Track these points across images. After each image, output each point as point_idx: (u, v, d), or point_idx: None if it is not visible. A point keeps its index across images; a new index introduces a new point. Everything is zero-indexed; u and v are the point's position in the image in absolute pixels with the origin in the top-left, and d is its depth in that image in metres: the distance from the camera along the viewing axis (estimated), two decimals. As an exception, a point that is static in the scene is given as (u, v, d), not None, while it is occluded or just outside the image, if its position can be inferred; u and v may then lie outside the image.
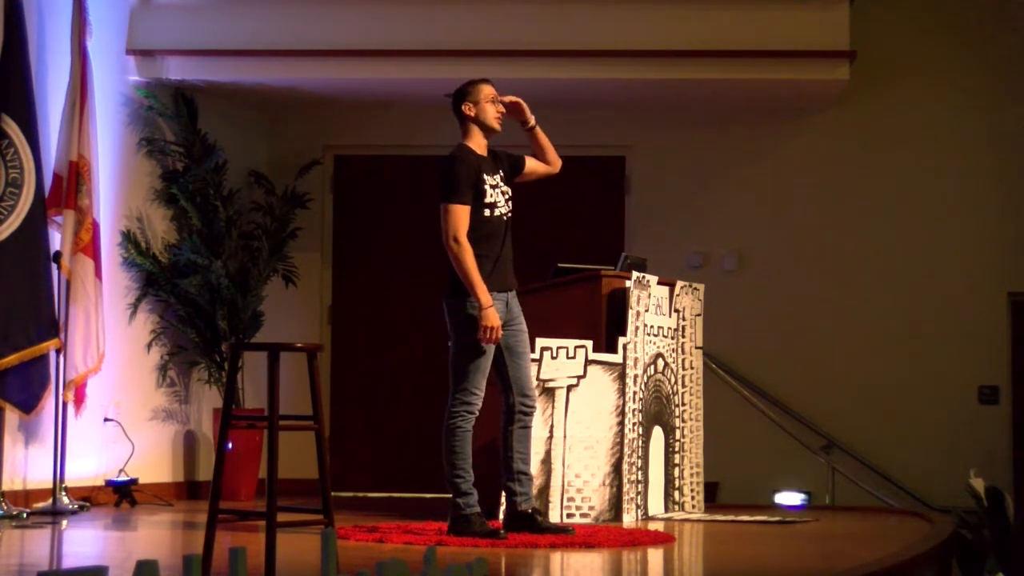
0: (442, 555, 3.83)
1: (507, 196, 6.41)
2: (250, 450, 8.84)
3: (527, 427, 6.38)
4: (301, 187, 9.46)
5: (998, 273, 9.63)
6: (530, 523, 6.27)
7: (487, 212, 6.28)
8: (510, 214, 6.41)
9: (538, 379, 7.02)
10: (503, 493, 6.51)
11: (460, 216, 6.21)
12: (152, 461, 8.74)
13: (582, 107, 9.74)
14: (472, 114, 6.37)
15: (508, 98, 6.45)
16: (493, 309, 6.17)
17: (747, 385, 9.62)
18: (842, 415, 9.61)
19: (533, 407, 6.39)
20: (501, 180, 6.39)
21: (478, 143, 6.39)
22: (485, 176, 6.31)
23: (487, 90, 6.39)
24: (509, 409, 6.35)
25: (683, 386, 7.86)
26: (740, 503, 8.79)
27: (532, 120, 6.56)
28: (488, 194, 6.30)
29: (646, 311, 7.41)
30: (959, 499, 8.36)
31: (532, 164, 6.62)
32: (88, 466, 8.15)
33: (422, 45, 8.82)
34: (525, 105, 6.52)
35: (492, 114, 6.37)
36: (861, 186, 9.75)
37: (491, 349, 6.23)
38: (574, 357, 7.05)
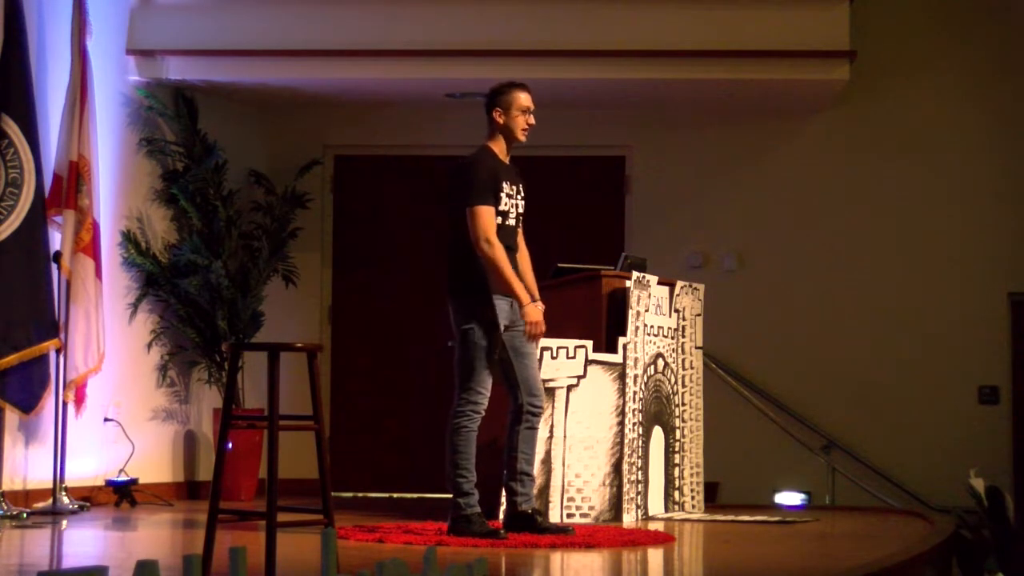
0: (442, 555, 3.83)
1: (519, 209, 6.39)
2: (250, 450, 8.84)
3: (533, 428, 6.37)
4: (301, 187, 9.46)
5: (998, 273, 9.62)
6: (530, 523, 6.27)
7: (499, 220, 6.28)
8: (519, 228, 6.41)
9: (538, 379, 7.03)
10: (504, 492, 6.52)
11: (487, 217, 6.20)
12: (152, 461, 8.74)
13: (582, 107, 9.74)
14: (501, 121, 6.35)
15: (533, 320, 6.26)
16: (534, 305, 6.21)
17: (747, 385, 9.62)
18: (842, 415, 9.61)
19: (540, 408, 6.39)
20: (516, 192, 6.39)
21: (501, 149, 6.38)
22: (504, 183, 6.31)
23: (522, 99, 6.34)
24: (516, 409, 6.35)
25: (683, 386, 7.86)
26: (740, 503, 8.79)
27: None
28: (503, 201, 6.29)
29: (646, 311, 7.41)
30: (959, 499, 8.37)
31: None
32: (88, 466, 8.15)
33: (422, 45, 8.82)
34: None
35: (520, 126, 6.34)
36: (861, 186, 9.75)
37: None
38: (574, 357, 7.06)
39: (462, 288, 6.26)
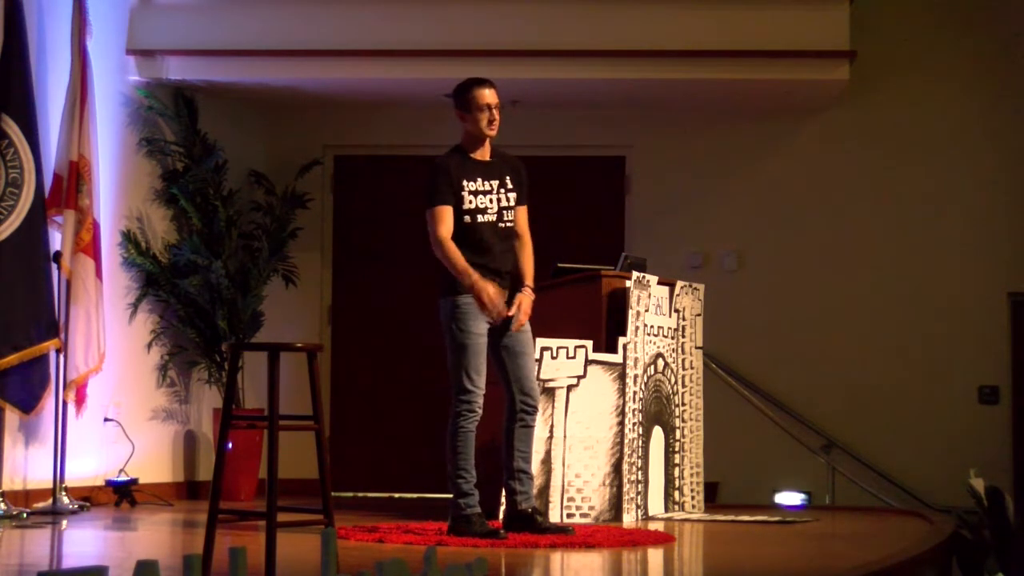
0: (442, 555, 3.83)
1: (504, 203, 6.35)
2: (250, 450, 8.84)
3: (529, 426, 6.38)
4: (301, 187, 9.46)
5: (998, 273, 9.62)
6: (530, 523, 6.27)
7: (467, 219, 6.25)
8: (508, 223, 6.38)
9: (538, 379, 7.02)
10: (503, 491, 6.52)
11: (437, 216, 6.23)
12: (152, 461, 8.74)
13: (582, 107, 9.74)
14: (465, 120, 6.36)
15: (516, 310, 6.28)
16: (482, 283, 6.17)
17: (747, 385, 9.62)
18: (842, 415, 9.61)
19: (534, 406, 6.39)
20: (498, 186, 6.36)
21: (471, 146, 6.38)
22: (466, 182, 6.27)
23: (481, 97, 6.31)
24: (511, 408, 6.36)
25: (683, 386, 7.86)
26: (740, 503, 8.79)
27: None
28: (467, 200, 6.25)
29: (646, 311, 7.41)
30: (959, 499, 8.36)
31: (520, 222, 6.46)
32: (88, 466, 8.15)
33: (422, 45, 8.82)
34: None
35: (483, 123, 6.32)
36: (861, 186, 9.75)
37: (484, 345, 6.23)
38: (574, 357, 7.06)
39: (441, 289, 6.29)
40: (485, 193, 6.29)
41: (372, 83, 9.18)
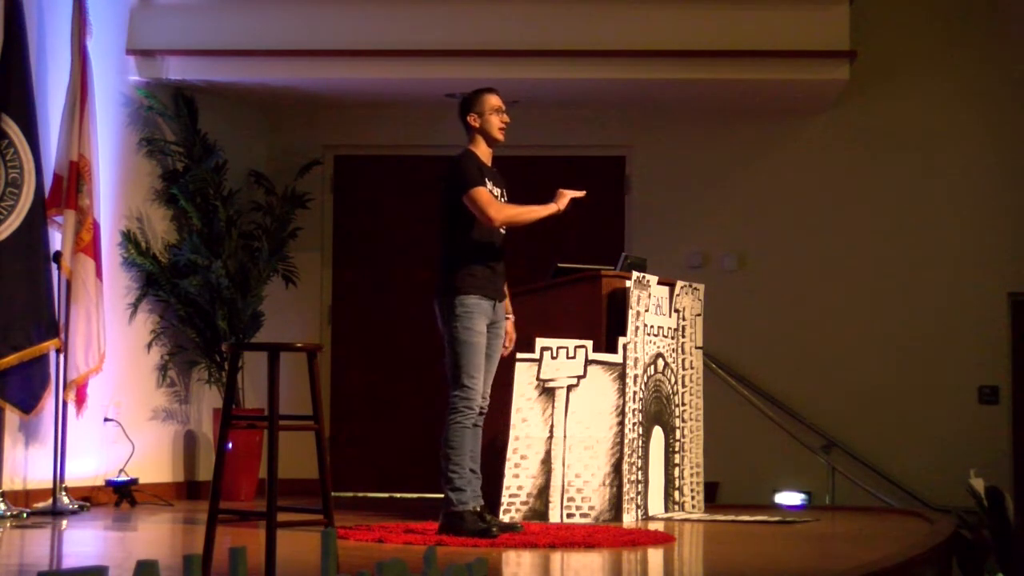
0: (442, 555, 3.83)
1: None
2: (250, 450, 8.84)
3: (479, 426, 6.40)
4: (301, 187, 9.46)
5: (998, 273, 9.62)
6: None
7: None
8: (505, 230, 6.43)
9: (538, 379, 7.03)
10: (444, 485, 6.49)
11: (484, 196, 6.24)
12: (152, 461, 8.74)
13: (582, 107, 9.74)
14: (477, 125, 6.41)
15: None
16: (554, 201, 6.36)
17: (747, 385, 9.62)
18: (842, 415, 9.61)
19: (486, 410, 6.40)
20: (501, 195, 6.44)
21: (483, 152, 6.43)
22: (489, 183, 6.34)
23: (492, 100, 6.41)
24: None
25: (683, 386, 7.86)
26: (740, 503, 8.79)
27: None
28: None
29: (646, 311, 7.41)
30: (959, 499, 8.36)
31: None
32: (88, 466, 8.15)
33: (422, 45, 8.82)
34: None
35: (496, 125, 6.40)
36: (861, 186, 9.75)
37: (484, 345, 6.24)
38: (574, 357, 7.06)
39: (444, 287, 6.29)
40: (496, 197, 6.36)
41: (372, 83, 9.18)
